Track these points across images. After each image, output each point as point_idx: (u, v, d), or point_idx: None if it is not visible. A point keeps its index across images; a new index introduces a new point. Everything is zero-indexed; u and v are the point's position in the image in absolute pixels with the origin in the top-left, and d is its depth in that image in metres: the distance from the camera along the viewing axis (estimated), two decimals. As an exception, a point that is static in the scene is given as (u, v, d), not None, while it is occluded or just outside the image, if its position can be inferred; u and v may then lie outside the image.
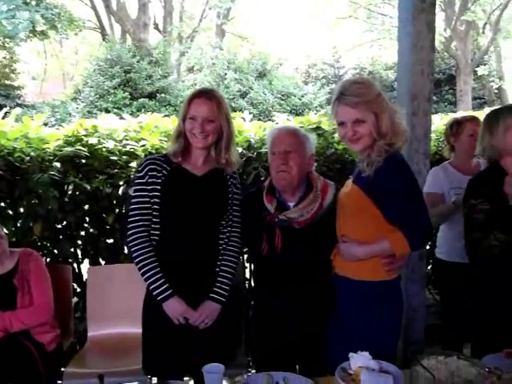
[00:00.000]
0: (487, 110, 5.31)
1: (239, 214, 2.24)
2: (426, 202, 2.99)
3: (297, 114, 11.27)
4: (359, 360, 1.69)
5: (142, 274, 2.08)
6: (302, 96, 14.68)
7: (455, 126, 3.11)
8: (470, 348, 2.42)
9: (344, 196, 2.10)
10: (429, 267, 4.07)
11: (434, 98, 15.85)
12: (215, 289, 2.14)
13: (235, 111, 11.55)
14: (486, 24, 17.10)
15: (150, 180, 2.09)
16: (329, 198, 2.18)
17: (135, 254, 2.08)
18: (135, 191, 2.13)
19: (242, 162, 3.39)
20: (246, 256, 3.47)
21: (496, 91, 17.77)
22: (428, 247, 3.80)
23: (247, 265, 3.54)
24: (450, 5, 16.28)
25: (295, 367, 2.23)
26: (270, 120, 4.24)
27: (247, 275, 3.56)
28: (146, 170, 2.11)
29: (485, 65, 17.36)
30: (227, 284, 2.16)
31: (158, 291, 2.06)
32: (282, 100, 14.17)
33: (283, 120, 4.02)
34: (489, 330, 2.17)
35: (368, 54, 19.86)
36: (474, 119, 3.13)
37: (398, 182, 1.92)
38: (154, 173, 2.10)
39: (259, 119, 9.59)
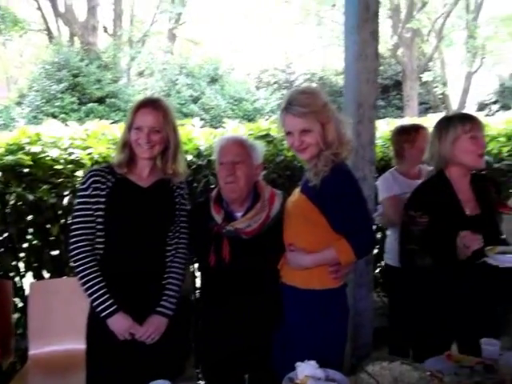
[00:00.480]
0: (431, 115, 5.51)
1: (187, 224, 2.22)
2: (390, 206, 3.09)
3: (249, 120, 11.33)
4: (306, 369, 1.70)
5: (86, 290, 2.02)
6: (254, 101, 14.77)
7: (409, 135, 3.16)
8: (412, 352, 2.49)
9: (291, 205, 2.12)
10: (377, 270, 4.17)
11: (382, 103, 16.33)
12: (162, 302, 2.11)
13: (187, 116, 11.46)
14: (430, 32, 17.72)
15: (93, 192, 2.05)
16: (276, 208, 2.19)
17: (78, 270, 2.03)
18: (78, 204, 2.08)
19: (191, 170, 3.38)
20: (196, 265, 3.43)
21: (440, 96, 18.46)
22: (376, 250, 3.89)
23: (198, 274, 3.51)
24: (396, 12, 16.79)
25: (244, 377, 2.22)
26: (221, 127, 4.24)
27: (198, 285, 3.53)
28: (89, 182, 2.06)
29: (429, 71, 18.01)
30: (174, 297, 2.13)
31: (102, 307, 2.01)
32: (234, 105, 14.20)
33: (234, 127, 4.03)
34: (428, 334, 2.23)
35: (319, 59, 20.21)
36: (425, 127, 3.20)
37: (343, 192, 1.96)
38: (98, 185, 2.05)
39: (211, 125, 9.56)
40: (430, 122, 4.68)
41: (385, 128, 4.49)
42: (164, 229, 2.16)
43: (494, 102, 17.57)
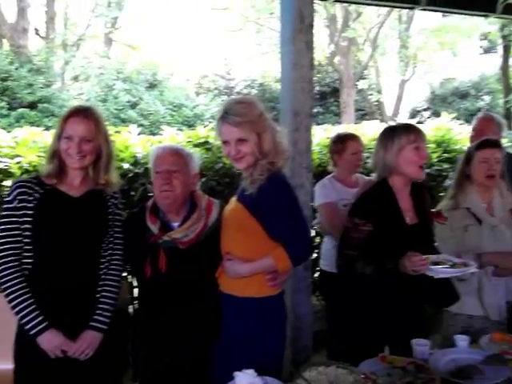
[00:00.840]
0: (366, 122, 5.70)
1: (121, 235, 2.17)
2: (325, 212, 3.15)
3: (189, 126, 11.23)
4: (244, 378, 1.71)
5: (13, 307, 1.94)
6: (194, 107, 14.66)
7: (339, 145, 3.24)
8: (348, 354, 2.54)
9: (228, 213, 2.13)
10: (316, 274, 4.24)
11: (321, 109, 16.71)
12: (95, 316, 2.05)
13: (125, 122, 11.18)
14: (365, 41, 18.32)
15: (19, 204, 1.97)
16: (213, 217, 2.18)
17: (4, 286, 1.94)
18: (3, 217, 1.99)
19: (128, 179, 3.32)
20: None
21: (376, 103, 19.10)
22: (315, 255, 3.96)
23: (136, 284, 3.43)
24: (333, 22, 17.24)
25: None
26: (159, 134, 4.19)
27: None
28: (14, 193, 1.98)
29: (365, 79, 18.61)
30: (108, 310, 2.07)
31: (30, 325, 1.92)
32: (174, 111, 14.02)
33: (172, 134, 3.99)
34: (362, 338, 2.28)
35: (258, 66, 20.39)
36: (355, 138, 3.29)
37: (279, 201, 1.98)
38: (25, 197, 1.97)
39: (150, 131, 9.41)
40: (364, 128, 4.88)
41: (322, 134, 4.59)
42: (97, 240, 2.10)
43: (426, 109, 18.41)
